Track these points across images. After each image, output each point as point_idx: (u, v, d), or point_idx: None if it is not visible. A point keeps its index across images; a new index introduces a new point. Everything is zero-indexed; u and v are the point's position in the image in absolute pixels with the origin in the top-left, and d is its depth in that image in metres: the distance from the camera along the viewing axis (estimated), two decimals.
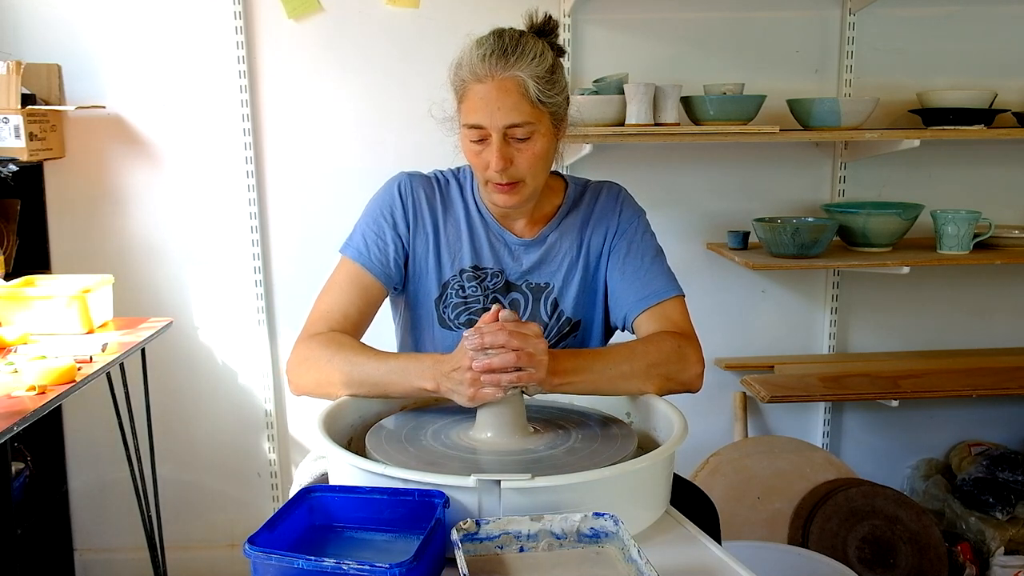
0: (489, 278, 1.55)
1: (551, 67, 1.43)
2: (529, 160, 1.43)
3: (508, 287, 1.56)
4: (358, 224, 1.57)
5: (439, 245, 1.55)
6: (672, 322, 1.49)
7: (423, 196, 1.56)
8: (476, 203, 1.57)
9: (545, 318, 1.56)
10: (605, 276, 1.57)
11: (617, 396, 1.42)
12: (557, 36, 1.49)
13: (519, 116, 1.40)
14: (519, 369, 1.22)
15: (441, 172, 1.62)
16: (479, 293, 1.54)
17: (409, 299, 1.58)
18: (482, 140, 1.43)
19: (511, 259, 1.56)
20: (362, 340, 1.47)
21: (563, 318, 1.57)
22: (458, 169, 1.62)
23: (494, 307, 1.27)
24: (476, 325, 1.26)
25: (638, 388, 1.38)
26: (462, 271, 1.55)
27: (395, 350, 1.68)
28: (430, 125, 2.53)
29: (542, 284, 1.57)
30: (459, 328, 1.53)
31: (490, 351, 1.22)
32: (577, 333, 1.58)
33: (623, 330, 1.59)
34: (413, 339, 1.60)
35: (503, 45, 1.41)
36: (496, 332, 1.22)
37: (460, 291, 1.54)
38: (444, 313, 1.55)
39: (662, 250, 1.59)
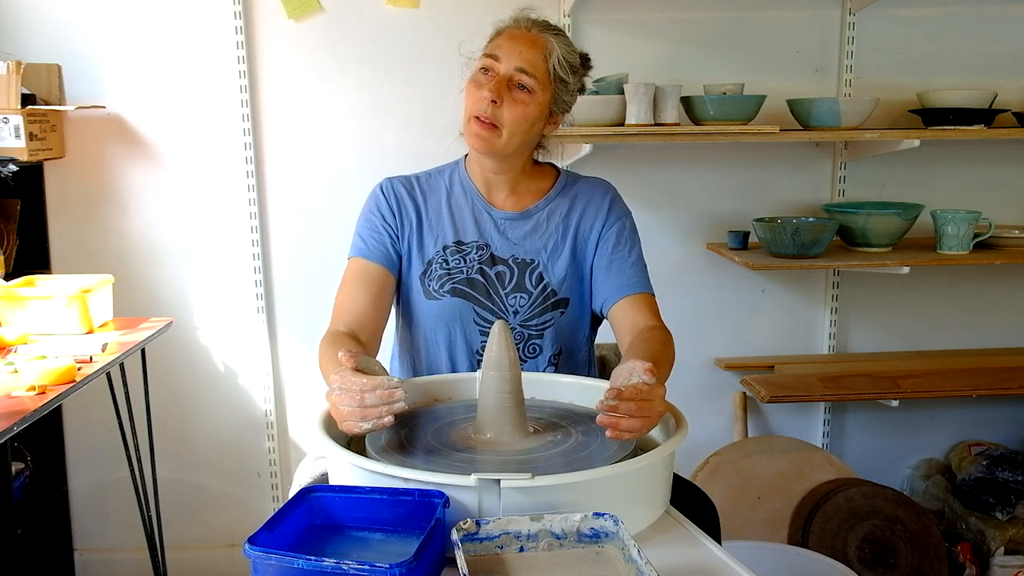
0: (474, 251, 1.61)
1: (574, 66, 1.57)
2: (516, 113, 1.52)
3: (493, 260, 1.61)
4: (355, 230, 1.65)
5: (422, 229, 1.63)
6: (654, 314, 1.56)
7: (403, 190, 1.66)
8: (462, 184, 1.65)
9: (531, 288, 1.60)
10: (592, 263, 1.63)
11: None
12: (587, 74, 1.63)
13: (532, 67, 1.52)
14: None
15: (419, 173, 1.71)
16: (463, 265, 1.60)
17: (402, 287, 1.65)
18: (488, 73, 1.53)
19: (497, 232, 1.63)
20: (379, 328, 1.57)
21: (548, 289, 1.60)
22: (442, 165, 1.71)
23: (343, 354, 1.23)
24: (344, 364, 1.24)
25: None
26: (445, 247, 1.61)
27: (394, 337, 1.74)
28: (430, 125, 2.56)
29: (527, 260, 1.62)
30: (443, 296, 1.59)
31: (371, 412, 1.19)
32: (565, 311, 1.61)
33: (599, 314, 1.64)
34: (408, 324, 1.65)
35: (549, 22, 1.58)
36: (630, 403, 1.18)
37: (444, 264, 1.61)
38: (428, 286, 1.60)
39: (642, 255, 1.65)
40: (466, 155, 1.68)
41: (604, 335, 1.73)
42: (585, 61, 1.62)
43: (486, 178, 1.64)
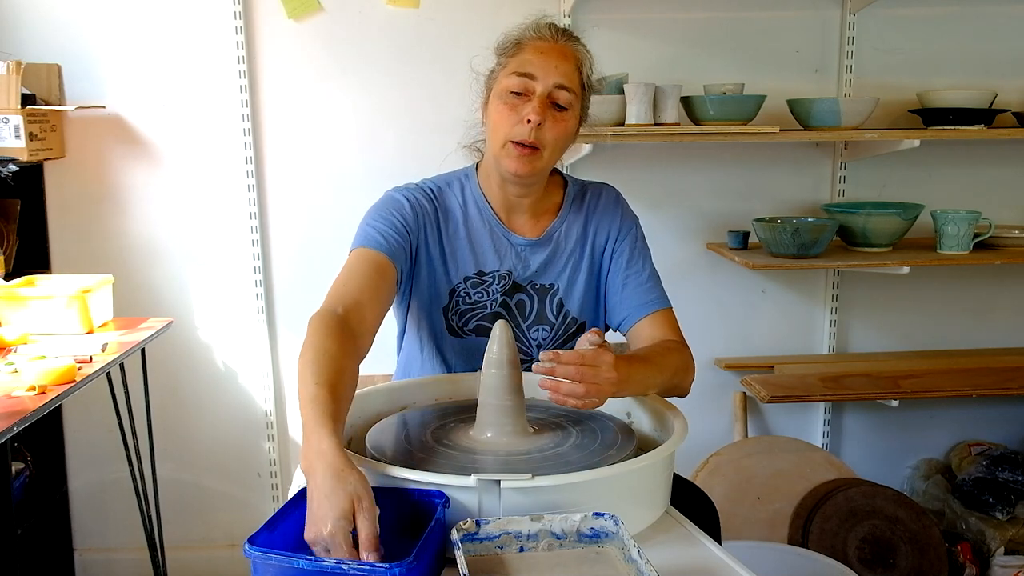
0: (495, 281, 1.55)
1: (593, 66, 1.51)
2: (557, 131, 1.46)
3: (515, 288, 1.56)
4: (362, 224, 1.50)
5: (444, 253, 1.54)
6: (673, 329, 1.52)
7: (426, 204, 1.53)
8: (477, 205, 1.56)
9: (552, 318, 1.57)
10: (606, 277, 1.59)
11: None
12: None
13: (569, 82, 1.45)
14: None
15: (427, 183, 1.58)
16: (485, 299, 1.55)
17: (417, 306, 1.56)
18: (522, 95, 1.44)
19: (517, 260, 1.56)
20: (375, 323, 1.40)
21: (569, 318, 1.58)
22: (447, 175, 1.60)
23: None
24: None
25: (656, 393, 1.40)
26: (466, 278, 1.55)
27: (401, 357, 1.66)
28: (430, 125, 2.56)
29: (547, 285, 1.57)
30: (468, 335, 1.54)
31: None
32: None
33: (615, 331, 1.61)
34: (420, 346, 1.58)
35: (565, 27, 1.52)
36: (568, 367, 1.19)
37: (467, 298, 1.55)
38: (452, 321, 1.55)
39: (653, 264, 1.62)
40: (476, 165, 1.60)
41: (609, 337, 1.72)
42: None
43: (507, 201, 1.55)
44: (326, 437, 1.05)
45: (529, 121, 1.42)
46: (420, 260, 1.53)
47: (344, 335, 1.25)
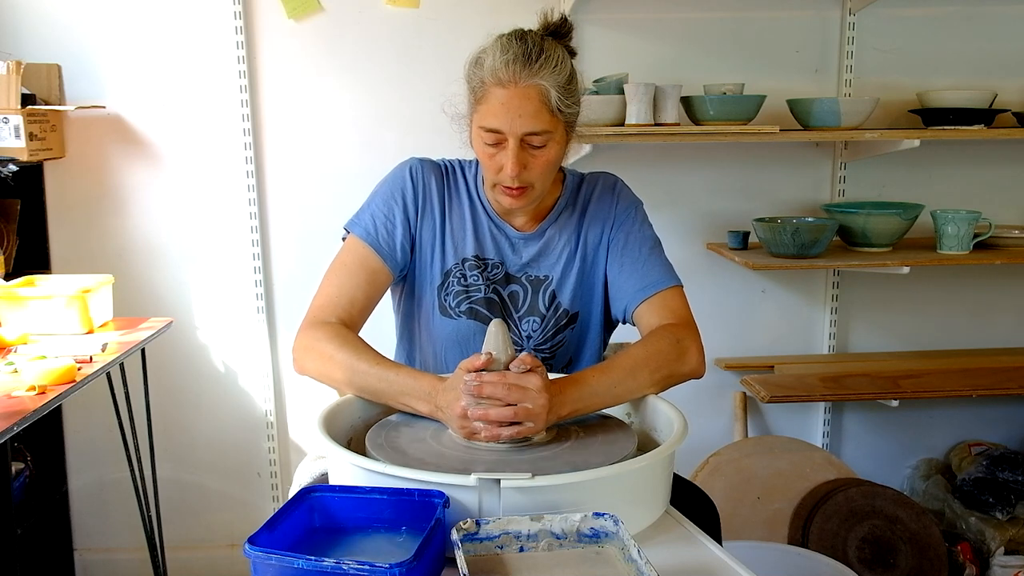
0: (490, 268, 1.56)
1: (570, 75, 1.43)
2: (542, 167, 1.45)
3: (508, 279, 1.57)
4: (367, 204, 1.57)
5: (444, 233, 1.56)
6: (672, 311, 1.49)
7: (433, 182, 1.57)
8: (479, 195, 1.59)
9: (543, 309, 1.57)
10: (605, 269, 1.58)
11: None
12: (571, 39, 1.49)
13: (538, 125, 1.40)
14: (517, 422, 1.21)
15: (449, 161, 1.63)
16: (481, 282, 1.55)
17: (410, 286, 1.59)
18: (497, 144, 1.43)
19: (511, 251, 1.58)
20: (365, 324, 1.52)
21: (560, 310, 1.57)
22: (466, 160, 1.63)
23: (484, 356, 1.23)
24: (475, 369, 1.23)
25: (645, 394, 1.39)
26: (464, 260, 1.56)
27: (395, 337, 1.69)
28: (430, 125, 2.55)
29: (541, 277, 1.58)
30: (460, 316, 1.54)
31: (485, 402, 1.22)
32: (575, 325, 1.58)
33: (624, 322, 1.59)
34: (413, 327, 1.61)
35: (527, 51, 1.39)
36: (495, 384, 1.21)
37: (462, 279, 1.55)
38: (445, 301, 1.55)
39: (659, 241, 1.60)
40: None
41: (615, 336, 1.71)
42: (562, 34, 1.47)
43: (503, 208, 1.56)
44: (413, 379, 1.31)
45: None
46: (422, 238, 1.56)
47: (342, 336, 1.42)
